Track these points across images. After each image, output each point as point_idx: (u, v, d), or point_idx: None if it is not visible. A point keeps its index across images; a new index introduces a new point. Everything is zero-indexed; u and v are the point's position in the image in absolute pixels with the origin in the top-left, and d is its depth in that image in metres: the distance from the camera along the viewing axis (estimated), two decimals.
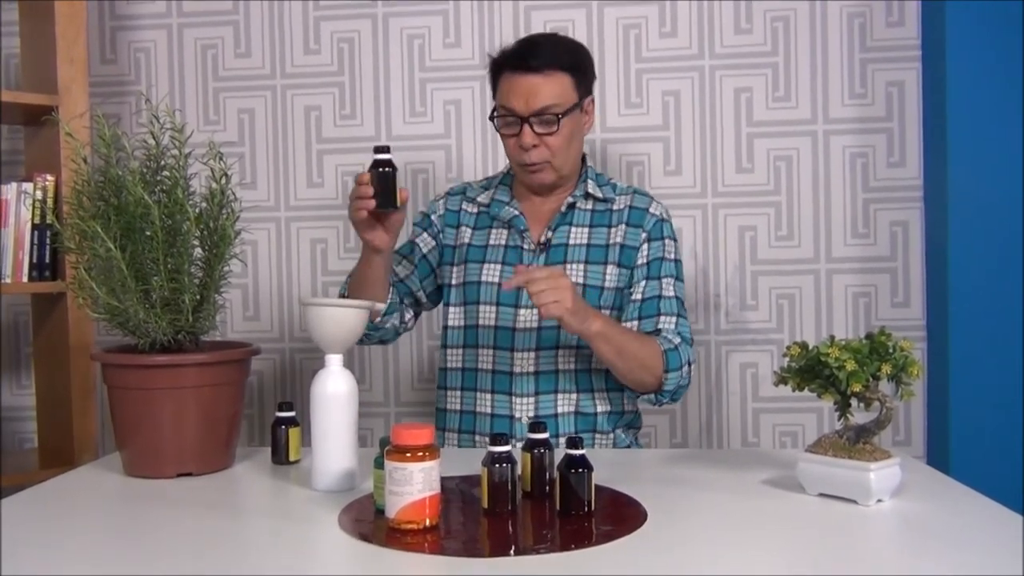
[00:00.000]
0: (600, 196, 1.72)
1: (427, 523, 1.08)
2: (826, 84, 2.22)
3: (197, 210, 1.41)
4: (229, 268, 1.46)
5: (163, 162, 1.40)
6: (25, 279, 1.99)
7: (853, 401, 1.20)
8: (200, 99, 2.33)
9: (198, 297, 1.42)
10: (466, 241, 1.75)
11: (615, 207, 1.72)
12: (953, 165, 2.06)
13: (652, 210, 1.72)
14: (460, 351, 1.73)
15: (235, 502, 1.30)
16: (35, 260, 2.00)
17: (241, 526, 1.17)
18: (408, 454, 1.07)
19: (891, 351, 1.17)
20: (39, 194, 2.00)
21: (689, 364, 1.63)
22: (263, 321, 2.34)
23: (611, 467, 1.38)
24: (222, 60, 2.33)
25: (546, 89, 1.61)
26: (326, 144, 2.32)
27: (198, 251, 1.43)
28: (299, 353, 2.34)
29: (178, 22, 2.33)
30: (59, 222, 1.67)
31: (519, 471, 1.21)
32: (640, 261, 1.69)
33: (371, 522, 1.12)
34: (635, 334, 1.63)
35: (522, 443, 1.29)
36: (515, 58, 1.63)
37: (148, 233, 1.37)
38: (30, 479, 1.73)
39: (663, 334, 1.64)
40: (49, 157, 2.03)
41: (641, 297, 1.67)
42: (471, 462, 1.35)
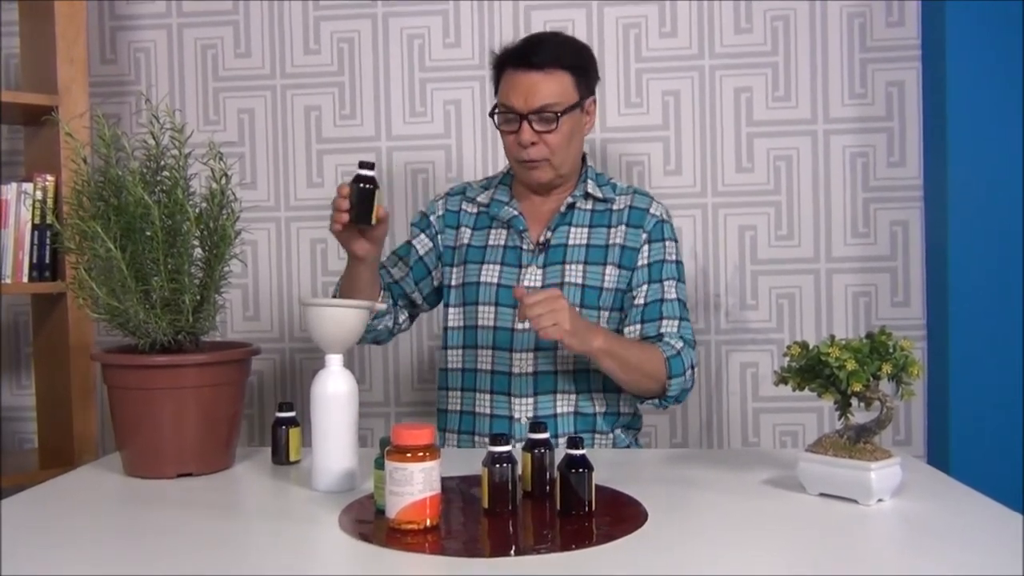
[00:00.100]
0: (600, 196, 1.71)
1: (427, 523, 1.08)
2: (826, 84, 2.22)
3: (197, 210, 1.40)
4: (229, 268, 1.46)
5: (163, 162, 1.40)
6: (25, 279, 1.99)
7: (853, 401, 1.20)
8: (200, 99, 2.33)
9: (198, 297, 1.41)
10: (466, 242, 1.75)
11: (615, 207, 1.72)
12: (953, 165, 2.06)
13: (652, 211, 1.72)
14: (460, 352, 1.73)
15: (235, 502, 1.30)
16: (35, 260, 2.00)
17: (241, 526, 1.17)
18: (408, 454, 1.07)
19: (891, 351, 1.17)
20: (39, 194, 2.00)
21: (692, 368, 1.63)
22: (263, 321, 2.34)
23: (611, 467, 1.38)
24: (222, 60, 2.33)
25: (546, 87, 1.61)
26: (326, 144, 2.32)
27: (198, 251, 1.43)
28: (299, 353, 2.34)
29: (178, 22, 2.33)
30: (59, 222, 1.67)
31: (519, 471, 1.21)
32: (641, 263, 1.69)
33: (371, 522, 1.12)
34: (637, 344, 1.63)
35: (522, 443, 1.29)
36: (518, 55, 1.63)
37: (148, 233, 1.36)
38: (30, 479, 1.74)
39: (665, 339, 1.63)
40: (49, 157, 2.02)
41: (644, 301, 1.67)
42: (471, 462, 1.35)
